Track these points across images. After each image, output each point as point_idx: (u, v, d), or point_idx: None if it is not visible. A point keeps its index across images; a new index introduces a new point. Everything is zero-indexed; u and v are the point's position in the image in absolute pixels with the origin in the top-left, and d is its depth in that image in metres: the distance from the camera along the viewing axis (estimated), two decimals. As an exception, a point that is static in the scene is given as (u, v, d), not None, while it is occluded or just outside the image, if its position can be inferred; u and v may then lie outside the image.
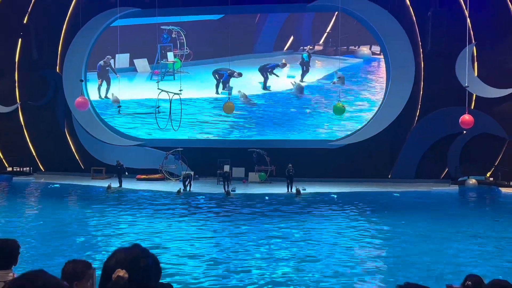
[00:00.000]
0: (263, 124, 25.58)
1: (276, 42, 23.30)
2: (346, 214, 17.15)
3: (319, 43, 23.20)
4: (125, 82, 24.66)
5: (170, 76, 23.87)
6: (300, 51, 23.32)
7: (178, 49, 22.67)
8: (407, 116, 24.54)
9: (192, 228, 14.75)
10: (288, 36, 23.35)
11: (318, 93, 24.65)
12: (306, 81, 24.97)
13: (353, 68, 22.82)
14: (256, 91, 25.35)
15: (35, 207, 19.32)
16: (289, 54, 23.12)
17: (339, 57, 22.87)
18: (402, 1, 24.24)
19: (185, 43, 22.68)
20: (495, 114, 23.57)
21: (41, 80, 27.36)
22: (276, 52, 22.90)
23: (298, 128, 25.59)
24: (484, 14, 23.51)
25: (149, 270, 2.11)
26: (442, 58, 23.72)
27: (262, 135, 26.10)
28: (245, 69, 23.90)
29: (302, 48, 23.20)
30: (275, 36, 23.01)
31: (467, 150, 23.96)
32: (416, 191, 21.97)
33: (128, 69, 23.99)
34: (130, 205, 18.85)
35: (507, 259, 11.43)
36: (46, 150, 27.62)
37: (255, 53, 23.10)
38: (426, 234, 13.92)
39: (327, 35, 22.67)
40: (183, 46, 22.65)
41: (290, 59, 23.56)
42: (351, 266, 10.74)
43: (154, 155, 26.56)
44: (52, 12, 26.66)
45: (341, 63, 22.39)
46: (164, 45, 23.16)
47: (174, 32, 22.87)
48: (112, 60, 25.02)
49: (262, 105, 25.61)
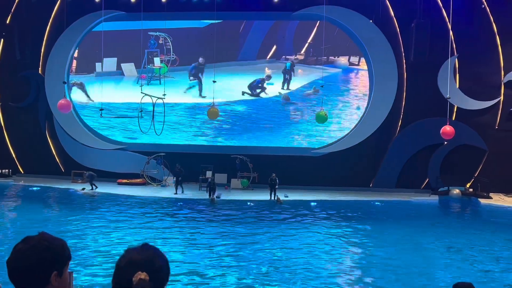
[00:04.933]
0: (248, 130, 25.54)
1: (259, 51, 23.92)
2: (320, 221, 17.16)
3: (300, 53, 23.75)
4: (112, 85, 24.63)
5: (156, 80, 24.40)
6: (283, 60, 23.76)
7: (165, 55, 23.30)
8: (390, 126, 24.70)
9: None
10: (271, 45, 23.97)
11: (300, 100, 24.96)
12: (291, 88, 25.07)
13: (332, 77, 23.49)
14: (239, 97, 25.35)
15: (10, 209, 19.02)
16: (272, 63, 23.75)
17: (320, 66, 23.54)
18: (386, 12, 24.47)
19: (172, 49, 23.26)
20: (476, 125, 23.83)
21: (23, 81, 27.04)
22: (259, 60, 23.48)
23: (282, 134, 25.69)
24: (466, 27, 23.83)
25: (163, 270, 2.07)
26: (424, 69, 23.95)
27: (245, 141, 26.09)
28: (230, 76, 24.35)
29: (284, 57, 23.70)
30: (259, 45, 23.65)
31: (447, 161, 24.16)
32: (396, 200, 22.07)
33: (115, 73, 24.43)
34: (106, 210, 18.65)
35: (479, 269, 11.51)
36: (26, 152, 27.25)
37: (239, 61, 23.64)
38: (402, 242, 13.97)
39: (308, 46, 23.26)
40: (169, 52, 23.25)
41: (273, 67, 24.17)
42: (321, 273, 10.72)
43: (135, 160, 26.35)
44: (35, 13, 26.39)
45: (322, 72, 23.16)
46: (151, 50, 23.64)
47: (161, 39, 23.46)
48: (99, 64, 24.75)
49: (246, 111, 25.62)
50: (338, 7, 24.12)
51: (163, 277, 2.07)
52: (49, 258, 2.06)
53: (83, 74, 25.26)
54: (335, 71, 23.64)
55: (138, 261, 2.03)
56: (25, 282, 2.04)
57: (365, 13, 24.34)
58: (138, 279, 1.98)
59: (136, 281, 1.98)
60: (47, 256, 2.05)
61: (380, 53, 24.39)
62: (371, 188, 24.78)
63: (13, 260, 2.04)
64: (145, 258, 2.04)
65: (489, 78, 23.99)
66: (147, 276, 1.98)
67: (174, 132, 26.37)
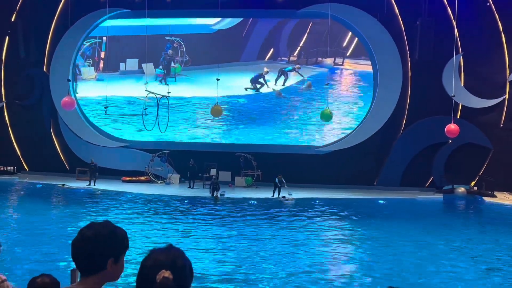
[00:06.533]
0: (251, 120, 26.99)
1: (259, 53, 26.87)
2: (322, 219, 17.19)
3: (293, 55, 26.61)
4: (133, 82, 27.56)
5: (172, 78, 27.61)
6: (278, 61, 26.72)
7: (179, 56, 26.73)
8: (394, 124, 24.66)
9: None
10: (269, 48, 26.90)
11: (294, 95, 27.04)
12: (285, 85, 26.74)
13: (320, 75, 26.45)
14: (242, 92, 27.00)
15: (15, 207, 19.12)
16: (269, 63, 26.67)
17: (310, 66, 26.63)
18: (391, 10, 24.42)
19: (185, 51, 26.50)
20: (481, 124, 23.77)
21: (28, 79, 27.11)
22: (259, 61, 26.54)
23: (284, 130, 26.70)
24: (472, 25, 23.75)
25: (186, 270, 2.11)
26: (429, 68, 23.88)
27: (250, 138, 26.28)
28: (233, 74, 26.70)
29: (280, 58, 26.83)
30: (259, 48, 26.71)
31: (452, 159, 24.11)
32: (400, 199, 22.06)
33: (136, 71, 27.57)
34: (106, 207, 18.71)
35: (482, 267, 11.51)
36: (31, 150, 27.33)
37: (242, 61, 26.82)
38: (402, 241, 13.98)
39: (299, 49, 26.23)
40: (183, 54, 26.55)
41: (270, 67, 26.97)
42: (321, 271, 10.76)
43: (140, 157, 26.41)
44: (40, 11, 26.44)
45: (312, 71, 26.45)
46: (167, 52, 27.01)
47: (176, 43, 26.64)
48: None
49: (247, 104, 27.01)
50: (343, 5, 24.10)
51: (186, 277, 2.10)
52: (109, 245, 2.22)
53: (109, 72, 26.80)
54: (322, 70, 26.58)
55: (163, 261, 2.07)
56: (84, 264, 2.23)
57: (370, 11, 24.29)
58: (162, 277, 2.00)
59: (160, 279, 2.00)
60: (107, 243, 2.22)
61: (385, 51, 24.35)
62: (375, 186, 24.76)
63: (76, 242, 2.23)
64: (169, 258, 2.08)
65: (494, 76, 23.92)
66: (170, 275, 2.01)
67: (181, 128, 27.16)
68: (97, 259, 2.20)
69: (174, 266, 2.06)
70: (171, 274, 2.02)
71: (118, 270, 2.27)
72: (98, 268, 2.22)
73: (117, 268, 2.26)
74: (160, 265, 2.05)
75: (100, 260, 2.21)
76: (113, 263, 2.23)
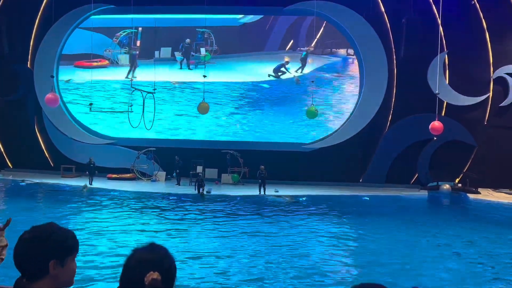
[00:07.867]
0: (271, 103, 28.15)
1: (281, 43, 28.64)
2: (308, 216, 17.23)
3: (311, 46, 27.85)
4: (166, 69, 28.93)
5: (202, 65, 28.46)
6: (298, 51, 28.24)
7: (209, 46, 28.60)
8: (379, 121, 24.78)
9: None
10: (290, 39, 28.57)
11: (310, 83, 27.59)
12: (304, 73, 27.83)
13: (334, 64, 28.13)
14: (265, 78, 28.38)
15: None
16: (289, 53, 28.40)
17: (325, 56, 28.03)
18: (377, 8, 24.50)
19: (214, 41, 28.24)
20: (465, 121, 23.98)
21: (12, 75, 26.77)
22: (280, 51, 28.44)
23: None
24: (456, 24, 23.93)
25: (171, 270, 2.08)
26: (414, 65, 24.02)
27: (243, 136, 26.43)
28: (257, 63, 28.94)
29: (299, 48, 28.43)
30: (280, 39, 28.59)
31: (437, 156, 24.30)
32: (386, 196, 22.18)
33: (170, 59, 29.14)
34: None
35: (468, 262, 11.62)
36: (15, 147, 27.01)
37: (265, 51, 28.85)
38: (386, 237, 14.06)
39: (316, 40, 27.61)
40: (212, 43, 28.39)
41: (290, 57, 28.57)
42: (308, 268, 10.78)
43: (125, 154, 26.23)
44: (24, 6, 26.13)
45: (327, 61, 28.00)
46: (198, 42, 28.80)
47: (206, 34, 28.34)
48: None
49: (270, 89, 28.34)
50: (329, 2, 24.16)
51: (172, 277, 2.07)
52: (46, 247, 2.13)
53: (144, 59, 28.33)
54: (336, 60, 28.29)
55: (148, 261, 2.03)
56: (25, 268, 2.15)
57: (356, 9, 24.37)
58: (150, 279, 1.97)
59: (149, 281, 1.97)
60: (44, 244, 2.13)
61: (370, 49, 24.45)
62: (361, 183, 24.87)
63: (16, 247, 2.18)
64: (154, 258, 2.05)
65: (478, 74, 24.12)
66: (159, 276, 1.98)
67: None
68: (36, 261, 2.12)
69: (161, 266, 2.02)
70: (159, 275, 1.99)
71: (66, 273, 2.17)
72: (40, 272, 2.13)
73: (64, 272, 2.16)
74: (145, 265, 2.01)
75: (39, 263, 2.12)
76: (56, 265, 2.14)
